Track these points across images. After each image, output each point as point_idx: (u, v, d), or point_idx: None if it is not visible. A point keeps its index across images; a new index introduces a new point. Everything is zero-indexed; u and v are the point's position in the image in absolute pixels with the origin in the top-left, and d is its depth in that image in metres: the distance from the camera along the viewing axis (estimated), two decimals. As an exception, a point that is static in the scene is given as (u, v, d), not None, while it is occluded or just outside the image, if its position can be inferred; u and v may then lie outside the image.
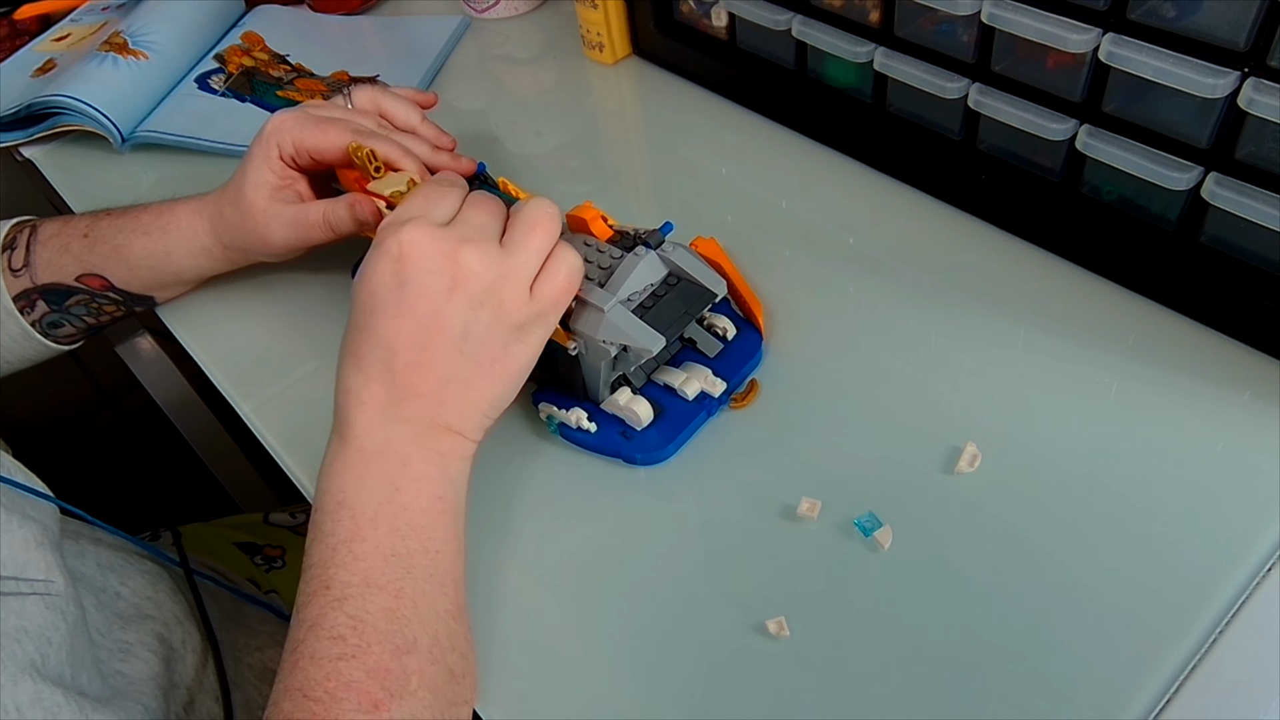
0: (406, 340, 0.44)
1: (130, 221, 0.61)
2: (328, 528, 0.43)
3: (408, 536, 0.43)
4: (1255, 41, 0.44)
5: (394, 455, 0.44)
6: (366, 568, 0.42)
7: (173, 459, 1.09)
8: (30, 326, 0.62)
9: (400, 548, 0.43)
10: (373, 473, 0.44)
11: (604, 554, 0.49)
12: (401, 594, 0.42)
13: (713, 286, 0.52)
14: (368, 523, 0.43)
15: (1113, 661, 0.42)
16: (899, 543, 0.47)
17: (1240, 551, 0.44)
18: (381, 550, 0.42)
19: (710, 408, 0.53)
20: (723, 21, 0.72)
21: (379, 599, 0.41)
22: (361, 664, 0.39)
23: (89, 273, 0.61)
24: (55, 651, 0.46)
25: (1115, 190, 0.55)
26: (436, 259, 0.44)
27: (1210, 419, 0.50)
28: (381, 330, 0.44)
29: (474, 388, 0.45)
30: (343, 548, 0.42)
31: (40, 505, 0.51)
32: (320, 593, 0.41)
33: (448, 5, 0.93)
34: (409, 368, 0.44)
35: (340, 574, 0.41)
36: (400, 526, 0.43)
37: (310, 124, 0.57)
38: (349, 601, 0.41)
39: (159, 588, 0.60)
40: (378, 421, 0.45)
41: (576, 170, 0.73)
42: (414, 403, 0.45)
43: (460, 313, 0.44)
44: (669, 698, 0.44)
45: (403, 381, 0.44)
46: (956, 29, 0.56)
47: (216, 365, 0.63)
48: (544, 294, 0.46)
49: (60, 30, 0.94)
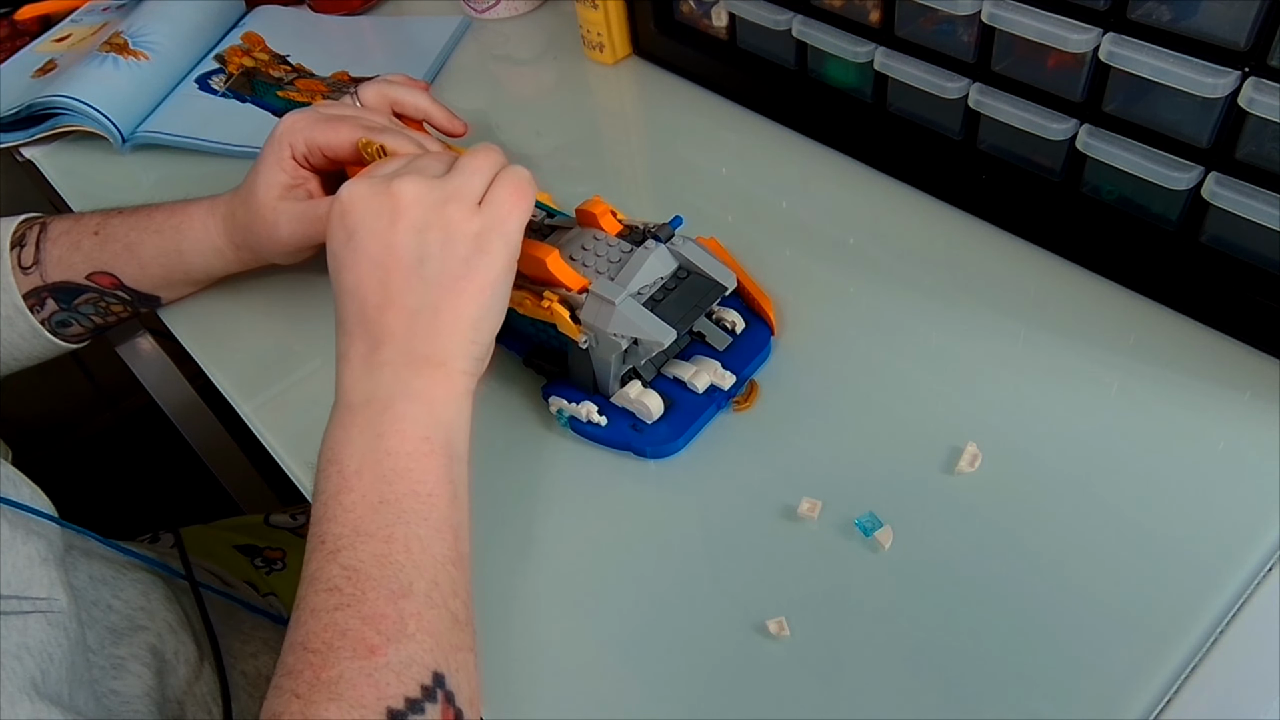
0: (368, 284, 0.45)
1: (143, 220, 0.61)
2: (320, 486, 0.43)
3: (394, 481, 0.43)
4: (1256, 41, 0.44)
5: (376, 402, 0.44)
6: (355, 518, 0.42)
7: (173, 460, 1.09)
8: (40, 325, 0.62)
9: (387, 493, 0.42)
10: (357, 424, 0.44)
11: (604, 551, 0.49)
12: (393, 539, 0.41)
13: (722, 280, 0.52)
14: (353, 474, 0.43)
15: (1113, 661, 0.42)
16: (899, 543, 0.47)
17: (1240, 551, 0.44)
18: (369, 499, 0.42)
19: (720, 401, 0.53)
20: (723, 21, 0.72)
21: (370, 546, 0.41)
22: (356, 612, 0.39)
23: (99, 270, 0.61)
24: (56, 669, 0.46)
25: (1116, 190, 0.55)
26: (374, 199, 0.45)
27: (1211, 419, 0.49)
28: (348, 285, 0.45)
29: (445, 310, 0.45)
30: (333, 502, 0.42)
31: (44, 521, 0.51)
32: (317, 549, 0.42)
33: (448, 5, 0.93)
34: (379, 310, 0.45)
35: (332, 527, 0.42)
36: (385, 472, 0.43)
37: (321, 122, 0.57)
38: (342, 553, 0.41)
39: (152, 596, 0.59)
40: (360, 373, 0.45)
41: (577, 170, 0.73)
42: (389, 344, 0.45)
43: (408, 240, 0.45)
44: (669, 697, 0.44)
45: (376, 327, 0.45)
46: (957, 29, 0.56)
47: (217, 365, 0.63)
48: (494, 201, 0.46)
49: (61, 31, 0.94)
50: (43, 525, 0.51)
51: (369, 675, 0.38)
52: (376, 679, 0.38)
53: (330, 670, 0.38)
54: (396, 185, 0.45)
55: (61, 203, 0.78)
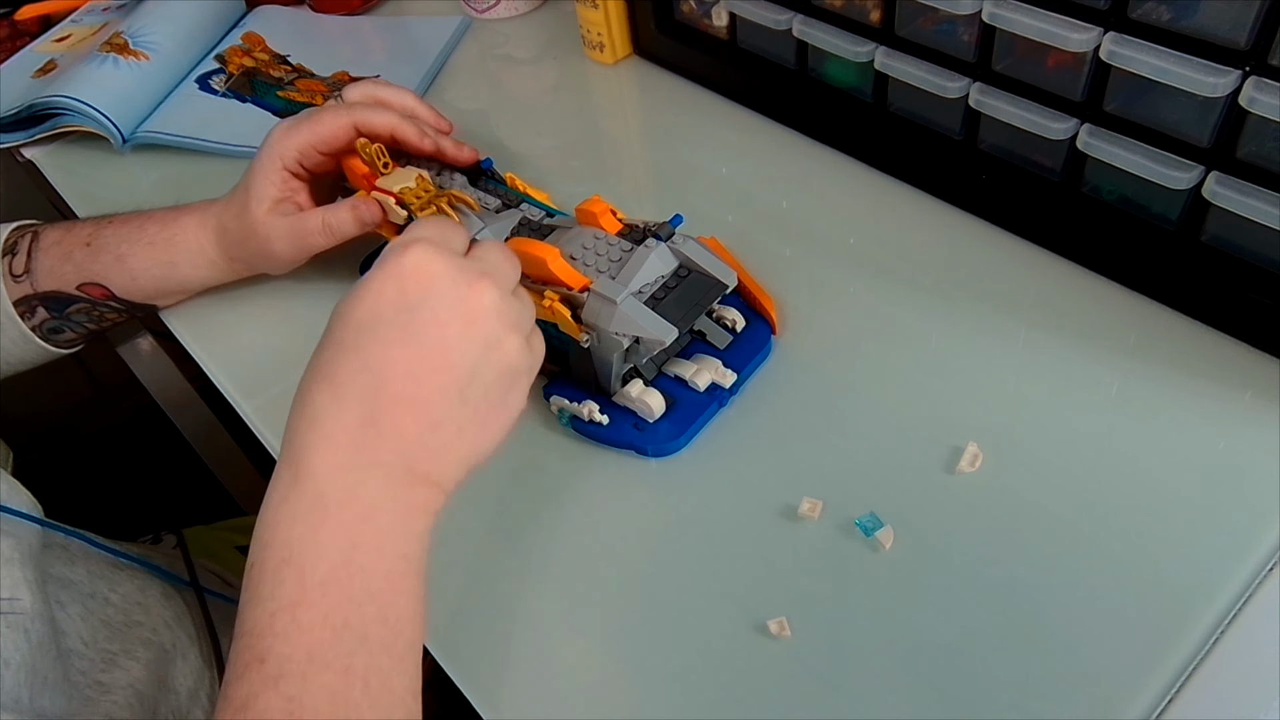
0: (403, 370, 0.38)
1: (135, 231, 0.61)
2: (267, 589, 0.36)
3: (364, 604, 0.37)
4: (1256, 40, 0.44)
5: (357, 506, 0.38)
6: (310, 641, 0.35)
7: (174, 460, 1.09)
8: (30, 331, 0.62)
9: (354, 617, 0.36)
10: (329, 525, 0.37)
11: (605, 551, 0.49)
12: (351, 672, 0.36)
13: (723, 278, 0.52)
14: (316, 586, 0.36)
15: (1114, 662, 0.42)
16: (900, 543, 0.47)
17: (1241, 551, 0.44)
18: (331, 620, 0.36)
19: (722, 399, 0.53)
20: (723, 21, 0.72)
21: (324, 678, 0.35)
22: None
23: (91, 281, 0.61)
24: (13, 674, 0.44)
25: (1116, 190, 0.55)
26: (457, 287, 0.40)
27: (1211, 418, 0.49)
28: (374, 354, 0.39)
29: (465, 436, 0.40)
30: (283, 615, 0.36)
31: (17, 519, 0.50)
32: (254, 667, 0.35)
33: (448, 5, 0.93)
34: (398, 402, 0.38)
35: (278, 645, 0.35)
36: (355, 593, 0.37)
37: (303, 121, 0.57)
38: (285, 680, 0.35)
39: (149, 592, 0.59)
40: (344, 462, 0.38)
41: (577, 170, 0.73)
42: (393, 444, 0.38)
43: (472, 351, 0.40)
44: (670, 697, 0.44)
45: (386, 417, 0.38)
46: (957, 28, 0.56)
47: (218, 365, 0.63)
48: (536, 347, 0.44)
49: (61, 31, 0.94)
50: (14, 524, 0.50)
51: None
52: None
53: None
54: (482, 285, 0.40)
55: (62, 203, 0.78)
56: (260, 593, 0.37)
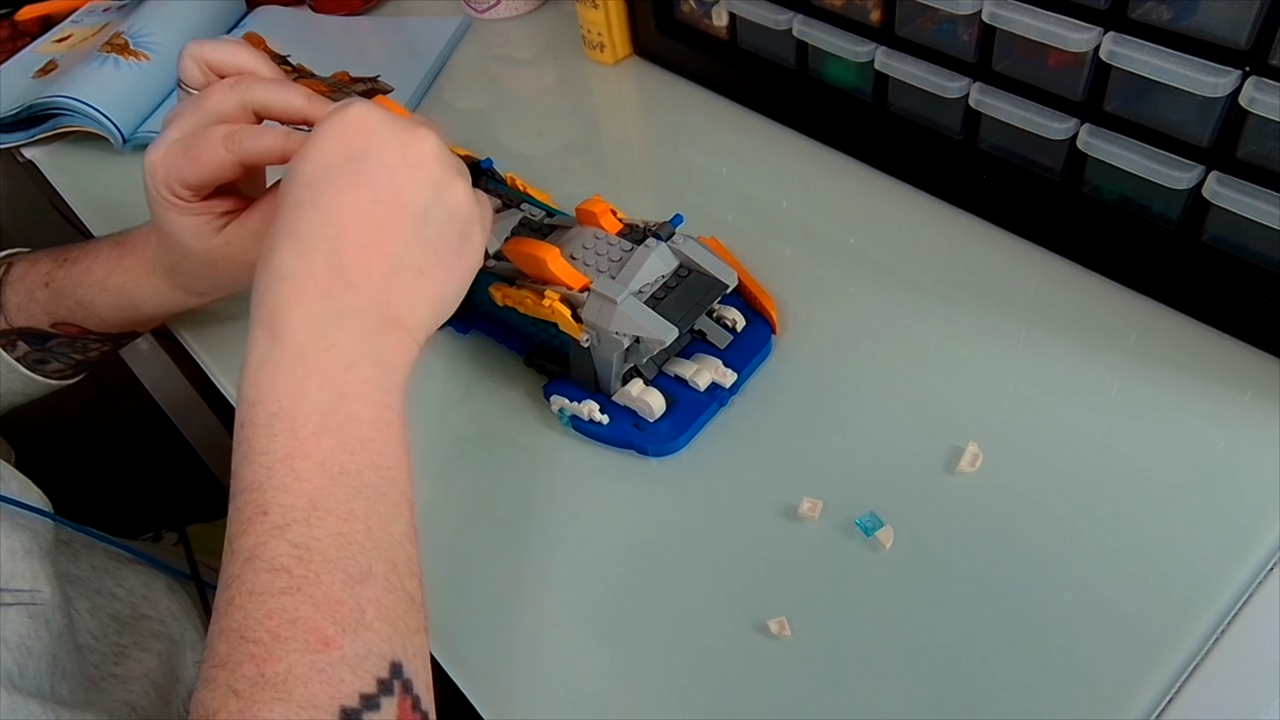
0: (360, 216, 0.40)
1: (83, 275, 0.57)
2: (261, 444, 0.37)
3: (357, 451, 0.38)
4: (1256, 40, 0.44)
5: (338, 355, 0.39)
6: (311, 488, 0.37)
7: (174, 460, 1.09)
8: (16, 362, 0.60)
9: (349, 464, 0.38)
10: (314, 377, 0.38)
11: (605, 550, 0.49)
12: (353, 516, 0.37)
13: (723, 277, 0.52)
14: (310, 437, 0.37)
15: (1113, 662, 0.42)
16: (900, 543, 0.47)
17: (1241, 551, 0.44)
18: (328, 468, 0.37)
19: (722, 399, 0.53)
20: (723, 21, 0.72)
21: (327, 523, 0.36)
22: (309, 597, 0.35)
23: (62, 322, 0.58)
24: (35, 662, 0.45)
25: (1116, 189, 0.55)
26: (394, 133, 0.41)
27: (1211, 418, 0.49)
28: (330, 204, 0.40)
29: (427, 277, 0.42)
30: (281, 466, 0.37)
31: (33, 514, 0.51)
32: (258, 519, 0.36)
33: (448, 5, 0.93)
34: (360, 247, 0.40)
35: (280, 496, 0.36)
36: (348, 440, 0.38)
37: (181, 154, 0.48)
38: (292, 528, 0.36)
39: (154, 586, 0.60)
40: (317, 312, 0.39)
41: (577, 170, 0.73)
42: (362, 289, 0.40)
43: (421, 192, 0.41)
44: (670, 696, 0.44)
45: (351, 263, 0.39)
46: (957, 28, 0.56)
47: (218, 365, 0.63)
48: (482, 199, 0.45)
49: (61, 31, 0.94)
50: (30, 518, 0.50)
51: (321, 670, 0.34)
52: (330, 675, 0.34)
53: (276, 664, 0.33)
54: (422, 132, 0.41)
55: (62, 203, 0.78)
56: (255, 448, 0.37)
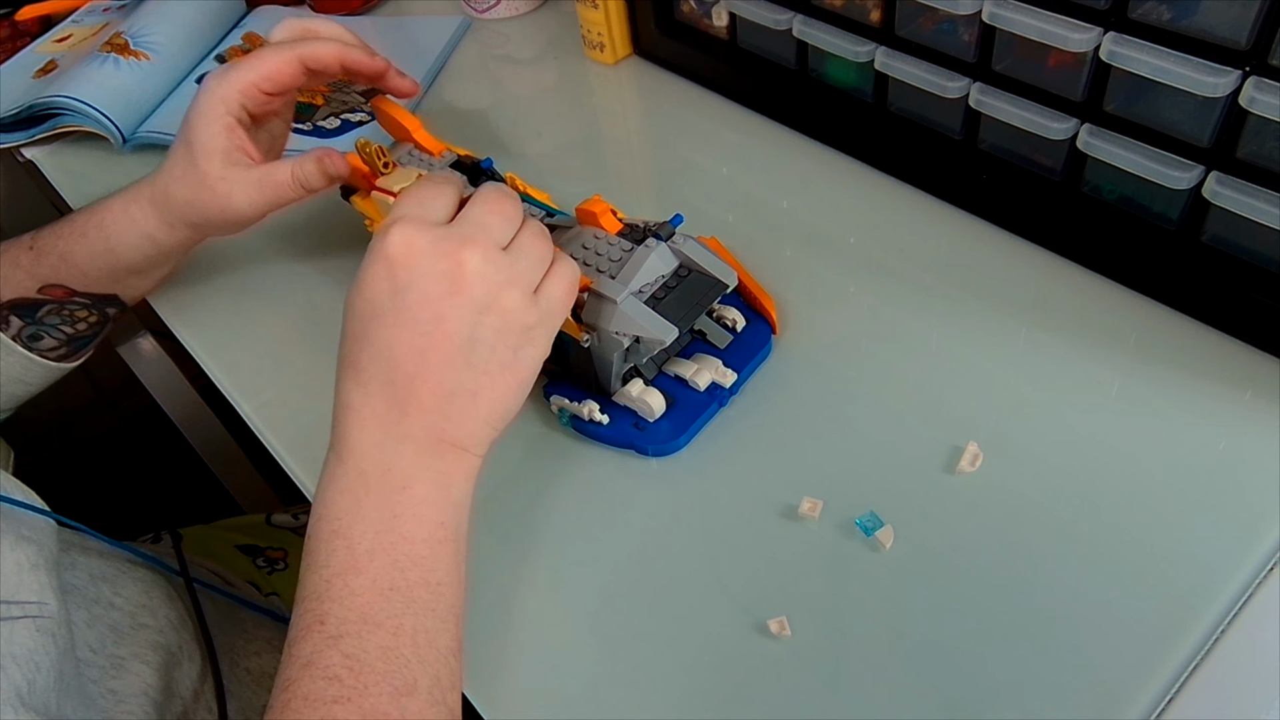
0: (407, 350, 0.42)
1: (67, 227, 0.60)
2: (322, 557, 0.41)
3: (407, 569, 0.41)
4: (1256, 40, 0.44)
5: (394, 478, 0.42)
6: (363, 604, 0.39)
7: (174, 460, 1.09)
8: (12, 341, 0.61)
9: (399, 581, 0.40)
10: (371, 498, 0.42)
11: (606, 550, 0.49)
12: (400, 631, 0.40)
13: (723, 277, 0.52)
14: (364, 554, 0.40)
15: (1114, 661, 0.42)
16: (900, 542, 0.47)
17: (1241, 551, 0.44)
18: (379, 585, 0.40)
19: (722, 399, 0.53)
20: (723, 21, 0.72)
21: (376, 637, 0.39)
22: (358, 707, 0.37)
23: (48, 284, 0.60)
24: (43, 677, 0.45)
25: (1116, 189, 0.55)
26: (435, 260, 0.42)
27: (1212, 418, 0.49)
28: (380, 340, 0.42)
29: (481, 399, 0.43)
30: (337, 580, 0.40)
31: (37, 525, 0.50)
32: (315, 628, 0.39)
33: (448, 5, 0.93)
34: (411, 379, 0.42)
35: (335, 609, 0.39)
36: (399, 558, 0.41)
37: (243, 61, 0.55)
38: (345, 640, 0.39)
39: (154, 594, 0.59)
40: (378, 440, 0.42)
41: (578, 170, 0.73)
42: (417, 418, 0.42)
43: (465, 318, 0.42)
44: (670, 696, 0.44)
45: (405, 395, 0.42)
46: (957, 28, 0.56)
47: (218, 366, 0.63)
48: (549, 295, 0.44)
49: (61, 31, 0.94)
50: (35, 530, 0.50)
51: None
52: None
53: None
54: (464, 253, 0.42)
55: (62, 202, 0.78)
56: (316, 560, 0.41)
